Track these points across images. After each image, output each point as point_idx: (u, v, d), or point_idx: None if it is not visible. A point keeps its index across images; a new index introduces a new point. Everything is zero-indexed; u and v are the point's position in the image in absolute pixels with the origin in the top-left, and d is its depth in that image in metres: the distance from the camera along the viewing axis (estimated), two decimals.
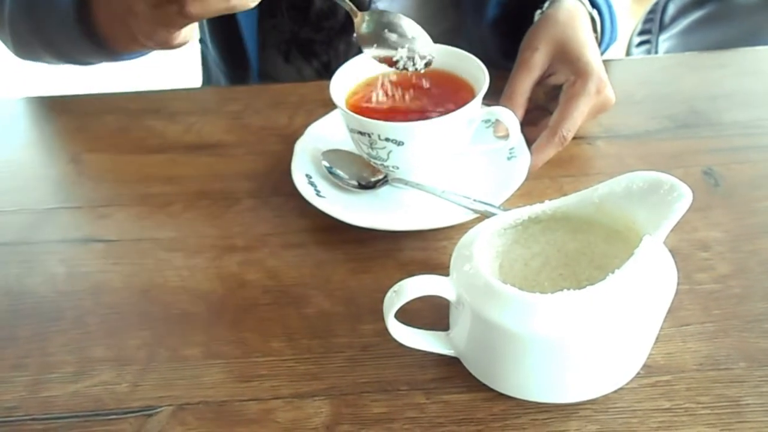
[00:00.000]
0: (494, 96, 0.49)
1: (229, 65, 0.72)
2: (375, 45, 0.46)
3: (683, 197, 0.33)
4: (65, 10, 0.53)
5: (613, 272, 0.32)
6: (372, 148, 0.44)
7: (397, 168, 0.46)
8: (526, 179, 0.48)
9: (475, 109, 0.45)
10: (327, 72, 0.47)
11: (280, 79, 0.74)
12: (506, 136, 0.48)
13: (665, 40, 1.14)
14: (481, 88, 0.45)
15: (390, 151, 0.44)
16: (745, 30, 1.07)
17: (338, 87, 0.47)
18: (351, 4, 0.45)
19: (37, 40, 0.58)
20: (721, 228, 0.46)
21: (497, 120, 0.50)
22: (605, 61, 0.57)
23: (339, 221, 0.45)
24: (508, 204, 0.45)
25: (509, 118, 0.46)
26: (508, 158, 0.50)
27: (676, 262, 0.35)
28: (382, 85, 0.49)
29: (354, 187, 0.48)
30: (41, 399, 0.38)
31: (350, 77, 0.49)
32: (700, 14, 1.12)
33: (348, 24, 0.45)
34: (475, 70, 0.47)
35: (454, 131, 0.45)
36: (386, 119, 0.44)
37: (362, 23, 0.45)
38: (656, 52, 1.12)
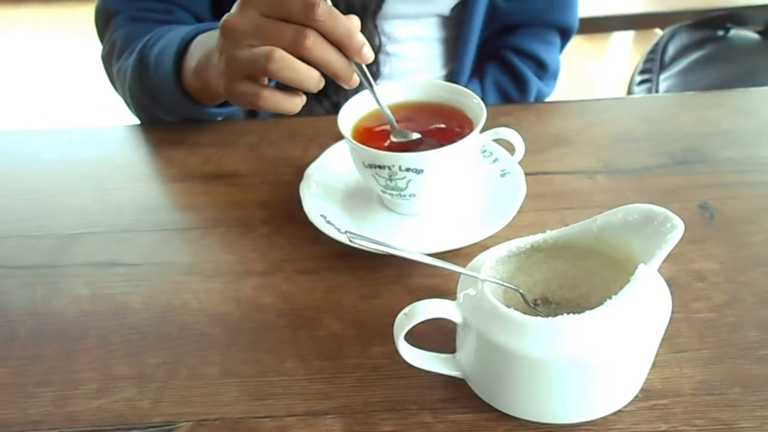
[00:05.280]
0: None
1: None
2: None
3: (676, 228, 0.35)
4: (168, 80, 0.59)
5: (610, 298, 0.34)
6: (391, 180, 0.47)
7: (414, 196, 0.48)
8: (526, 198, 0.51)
9: (482, 135, 0.49)
10: (336, 111, 0.51)
11: (294, 116, 0.77)
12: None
13: (665, 79, 1.17)
14: (480, 120, 0.48)
15: (409, 181, 0.47)
16: (742, 70, 1.11)
17: (345, 124, 0.50)
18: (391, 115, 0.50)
19: (154, 105, 0.64)
20: (715, 259, 0.48)
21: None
22: (608, 100, 0.60)
23: (350, 248, 0.48)
24: (514, 233, 0.47)
25: (514, 136, 0.49)
26: (502, 175, 0.54)
27: (673, 292, 0.37)
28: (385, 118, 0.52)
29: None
30: (66, 414, 0.40)
31: (354, 113, 0.52)
32: (700, 54, 1.16)
33: (356, 65, 0.48)
34: (473, 105, 0.50)
35: (465, 156, 0.48)
36: (396, 151, 0.47)
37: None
38: (657, 91, 1.16)
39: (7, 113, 2.40)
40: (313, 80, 0.47)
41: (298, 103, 0.50)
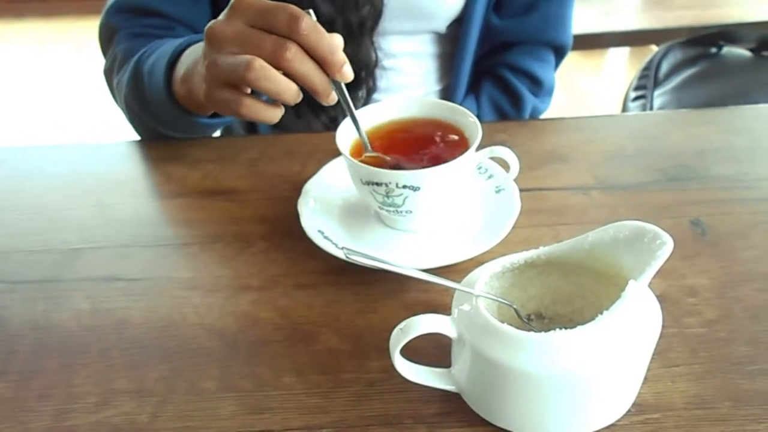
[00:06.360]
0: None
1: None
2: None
3: (665, 245, 0.35)
4: (160, 89, 0.59)
5: (602, 314, 0.35)
6: (388, 197, 0.48)
7: (411, 212, 0.49)
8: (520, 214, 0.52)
9: (478, 153, 0.50)
10: (334, 125, 0.51)
11: (292, 131, 0.78)
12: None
13: (659, 96, 1.19)
14: (476, 137, 0.49)
15: (406, 197, 0.47)
16: (735, 87, 1.13)
17: (343, 141, 0.51)
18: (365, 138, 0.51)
19: (148, 116, 0.65)
20: (707, 275, 0.49)
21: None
22: (601, 117, 0.60)
23: (347, 263, 0.48)
24: (508, 249, 0.48)
25: (509, 154, 0.50)
26: (497, 192, 0.55)
27: (665, 307, 0.38)
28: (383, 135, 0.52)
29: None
30: (66, 428, 0.40)
31: (351, 130, 0.52)
32: (693, 71, 1.17)
33: (354, 81, 0.49)
34: (469, 123, 0.51)
35: (461, 174, 0.49)
36: (393, 168, 0.48)
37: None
38: (651, 107, 1.17)
39: (8, 127, 2.41)
40: (291, 93, 0.48)
41: (277, 114, 0.51)
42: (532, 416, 0.37)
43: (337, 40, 0.47)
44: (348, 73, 0.48)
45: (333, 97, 0.49)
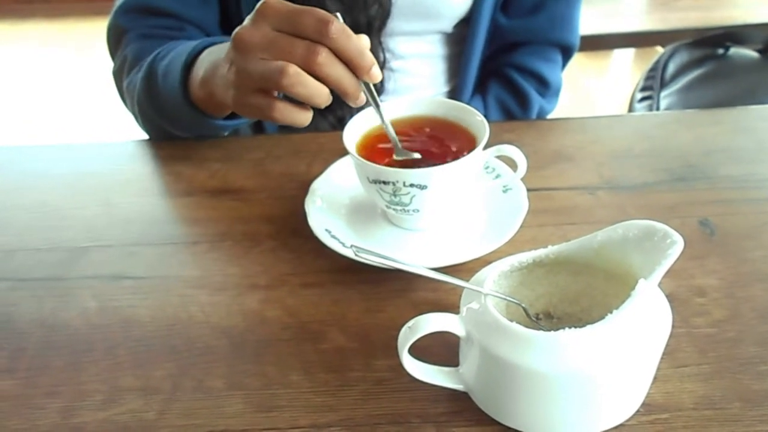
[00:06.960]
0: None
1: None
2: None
3: (675, 244, 0.35)
4: (176, 91, 0.59)
5: (611, 313, 0.35)
6: (395, 195, 0.48)
7: (418, 211, 0.49)
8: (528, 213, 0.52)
9: (485, 152, 0.50)
10: (341, 126, 0.51)
11: (298, 131, 0.79)
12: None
13: (666, 97, 1.19)
14: (483, 137, 0.49)
15: (413, 196, 0.47)
16: (742, 88, 1.12)
17: (350, 140, 0.51)
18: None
19: (161, 117, 0.65)
20: (716, 275, 0.48)
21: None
22: (608, 117, 0.60)
23: (354, 262, 0.48)
24: (516, 248, 0.48)
25: (516, 153, 0.50)
26: (504, 191, 0.55)
27: (674, 307, 0.38)
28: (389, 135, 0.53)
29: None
30: (73, 425, 0.40)
31: (358, 129, 0.53)
32: (700, 72, 1.17)
33: (363, 83, 0.49)
34: (476, 122, 0.51)
35: (469, 173, 0.49)
36: (400, 167, 0.48)
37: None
38: (658, 108, 1.17)
39: (9, 127, 2.42)
40: (323, 97, 0.48)
41: (308, 116, 0.52)
42: (540, 415, 0.37)
43: (364, 42, 0.47)
44: (376, 74, 0.48)
45: (362, 98, 0.49)
